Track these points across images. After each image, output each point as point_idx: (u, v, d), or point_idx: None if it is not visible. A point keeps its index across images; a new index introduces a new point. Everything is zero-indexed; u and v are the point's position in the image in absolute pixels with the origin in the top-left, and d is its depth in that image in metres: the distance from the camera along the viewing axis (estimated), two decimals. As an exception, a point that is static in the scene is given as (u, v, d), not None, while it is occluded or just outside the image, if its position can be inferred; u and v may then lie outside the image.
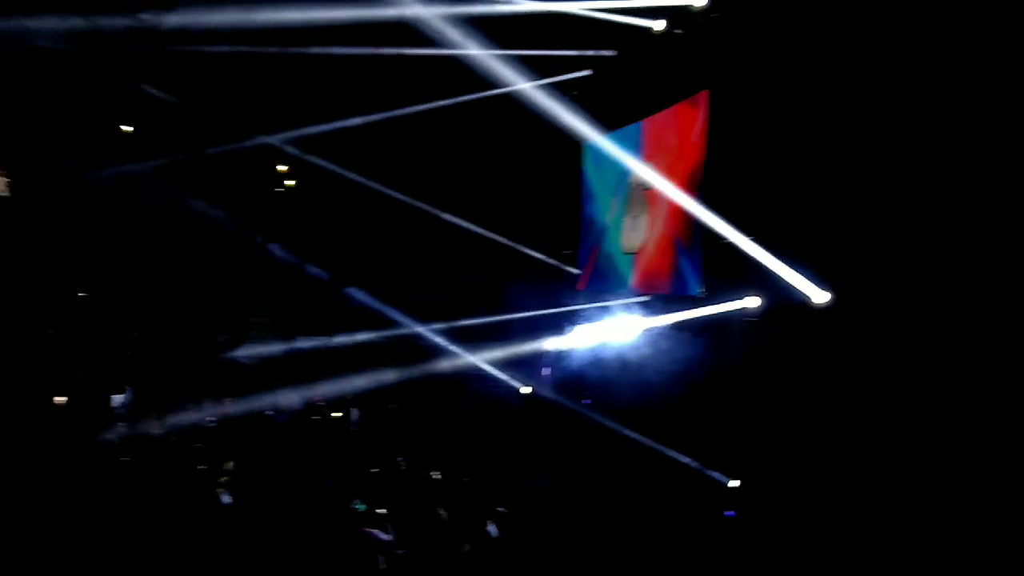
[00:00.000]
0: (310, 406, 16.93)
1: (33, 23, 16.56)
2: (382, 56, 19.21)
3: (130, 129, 22.12)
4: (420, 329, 18.57)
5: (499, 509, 10.91)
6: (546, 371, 17.74)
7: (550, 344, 17.01)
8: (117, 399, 16.30)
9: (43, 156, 21.43)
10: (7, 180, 22.33)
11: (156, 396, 15.87)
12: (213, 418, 15.15)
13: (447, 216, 19.72)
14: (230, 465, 11.77)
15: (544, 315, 17.32)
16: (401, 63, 19.17)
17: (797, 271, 11.33)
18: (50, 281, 19.61)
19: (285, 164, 23.50)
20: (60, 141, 20.71)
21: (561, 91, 15.84)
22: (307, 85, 21.42)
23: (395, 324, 18.94)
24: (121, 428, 14.16)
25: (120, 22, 16.77)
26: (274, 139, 21.97)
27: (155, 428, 14.11)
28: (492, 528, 10.29)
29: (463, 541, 9.95)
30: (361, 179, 20.26)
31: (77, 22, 16.43)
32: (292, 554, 9.53)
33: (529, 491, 12.63)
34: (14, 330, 18.35)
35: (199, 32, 19.57)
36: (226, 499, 11.01)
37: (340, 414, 17.02)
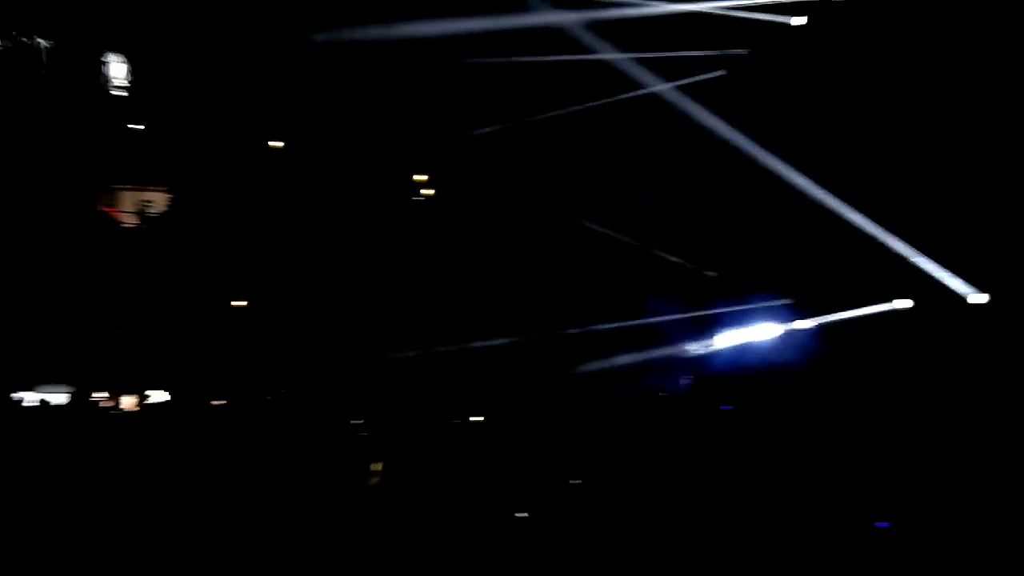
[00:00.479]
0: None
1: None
2: (515, 64, 19.50)
3: (280, 144, 23.24)
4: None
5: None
6: (686, 379, 17.56)
7: (691, 349, 16.84)
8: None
9: (201, 171, 22.82)
10: (168, 196, 23.93)
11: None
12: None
13: (585, 223, 19.81)
14: (377, 466, 12.20)
15: (683, 319, 17.17)
16: (535, 70, 19.39)
17: (950, 271, 10.87)
18: (208, 290, 20.82)
19: (423, 174, 24.07)
20: (218, 157, 21.97)
21: (697, 92, 15.69)
22: (442, 95, 21.94)
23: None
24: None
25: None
26: (411, 149, 22.61)
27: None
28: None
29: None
30: (497, 189, 20.59)
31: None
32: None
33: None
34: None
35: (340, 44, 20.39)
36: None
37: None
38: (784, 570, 9.66)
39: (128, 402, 17.01)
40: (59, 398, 16.21)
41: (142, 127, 21.96)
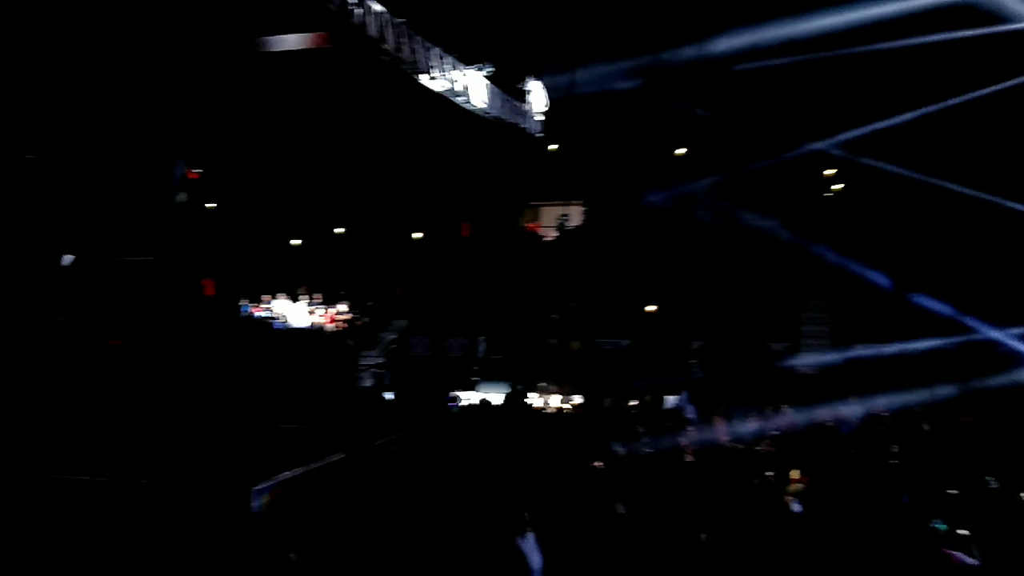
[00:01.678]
0: (872, 418, 16.33)
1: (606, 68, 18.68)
2: (930, 44, 18.03)
3: (683, 151, 23.75)
4: (996, 334, 16.85)
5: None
6: None
7: None
8: (671, 400, 17.43)
9: (609, 187, 24.00)
10: (582, 209, 25.50)
11: (720, 403, 16.61)
12: (775, 427, 15.39)
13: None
14: (796, 474, 11.86)
15: None
16: (953, 48, 17.76)
17: None
18: (620, 296, 21.79)
19: (832, 168, 23.16)
20: (625, 170, 22.95)
21: None
22: (851, 86, 20.89)
23: (967, 330, 17.43)
24: (689, 433, 15.10)
25: (681, 53, 18.16)
26: (821, 145, 21.81)
27: (721, 435, 14.79)
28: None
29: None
30: (918, 176, 19.10)
31: (644, 59, 18.10)
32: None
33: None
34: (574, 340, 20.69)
35: (743, 51, 20.30)
36: (796, 507, 11.13)
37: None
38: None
39: (555, 402, 18.26)
40: (496, 397, 17.83)
41: (556, 146, 23.68)
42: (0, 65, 17.42)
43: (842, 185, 23.49)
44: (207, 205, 24.27)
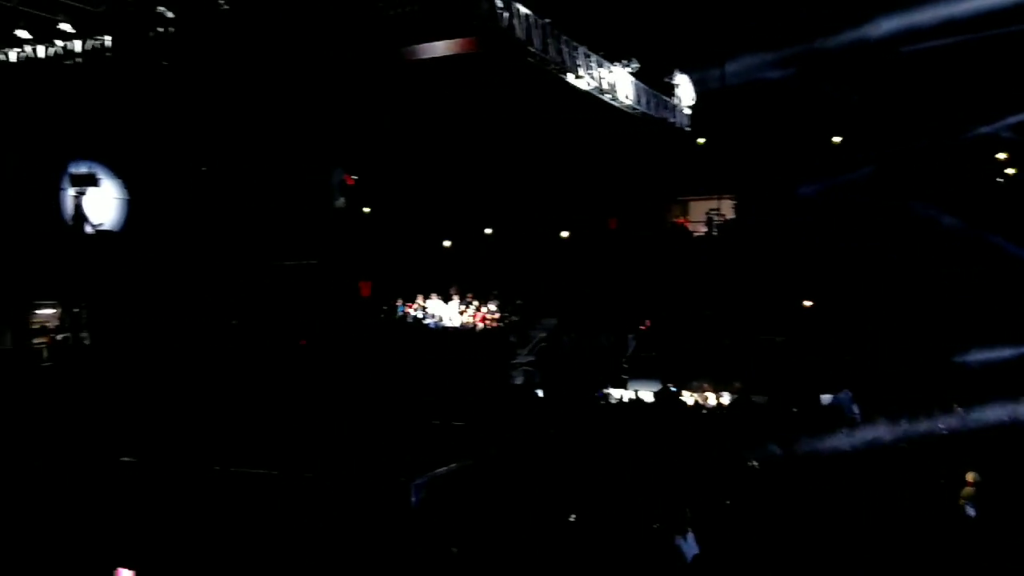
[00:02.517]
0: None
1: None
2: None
3: (839, 140, 22.82)
4: None
5: None
6: None
7: None
8: (827, 398, 16.79)
9: (762, 178, 23.37)
10: (733, 204, 24.92)
11: (885, 402, 15.90)
12: (944, 426, 14.63)
13: None
14: (971, 477, 11.25)
15: None
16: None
17: None
18: (775, 292, 21.18)
19: (1004, 152, 21.79)
20: (778, 162, 22.31)
21: None
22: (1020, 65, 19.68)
23: None
24: (850, 432, 14.52)
25: (836, 39, 17.52)
26: (989, 128, 20.65)
27: (886, 434, 14.18)
28: None
29: None
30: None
31: (796, 47, 17.56)
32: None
33: None
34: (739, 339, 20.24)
35: (901, 33, 19.40)
36: (970, 512, 10.58)
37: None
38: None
39: (709, 400, 18.00)
40: (647, 394, 17.74)
41: (704, 140, 23.24)
42: (176, 86, 18.71)
43: (1014, 170, 22.08)
44: (364, 209, 25.15)
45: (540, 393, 18.46)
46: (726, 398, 17.85)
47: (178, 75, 17.72)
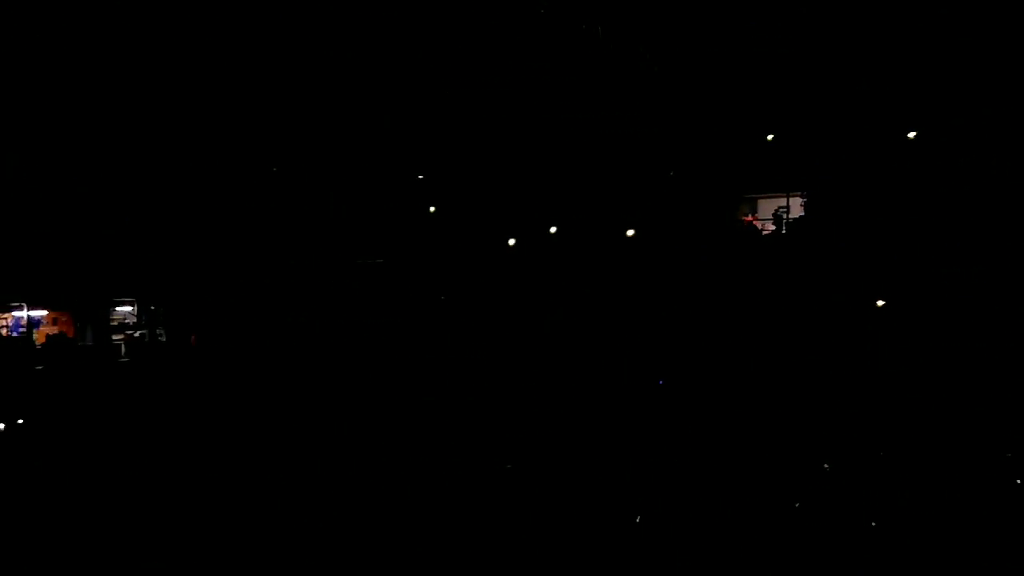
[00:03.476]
0: None
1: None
2: None
3: (913, 135, 22.19)
4: None
5: None
6: None
7: None
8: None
9: (835, 173, 22.82)
10: (802, 201, 24.38)
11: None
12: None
13: None
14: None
15: None
16: None
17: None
18: (846, 291, 20.72)
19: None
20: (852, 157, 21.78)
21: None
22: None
23: None
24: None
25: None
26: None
27: None
28: None
29: None
30: None
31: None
32: None
33: None
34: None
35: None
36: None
37: None
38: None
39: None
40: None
41: (771, 136, 22.77)
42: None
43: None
44: (430, 209, 25.26)
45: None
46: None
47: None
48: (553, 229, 26.08)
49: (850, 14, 17.91)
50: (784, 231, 23.81)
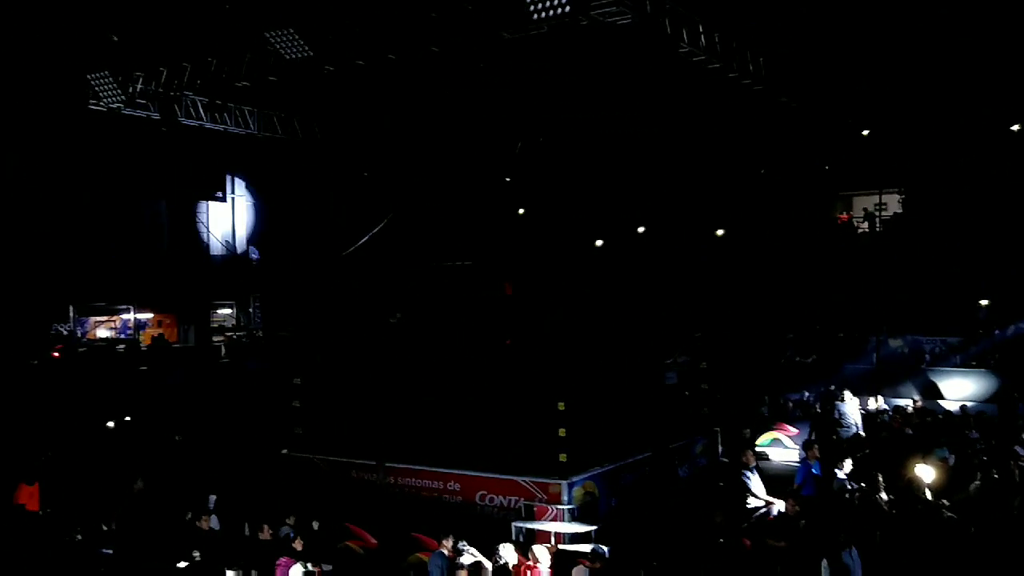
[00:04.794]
0: None
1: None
2: None
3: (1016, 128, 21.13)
4: None
5: None
6: None
7: None
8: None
9: (930, 171, 21.98)
10: (899, 197, 23.49)
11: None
12: None
13: None
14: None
15: None
16: None
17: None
18: (947, 291, 19.98)
19: None
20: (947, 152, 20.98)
21: None
22: None
23: None
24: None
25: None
26: None
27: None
28: None
29: None
30: None
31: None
32: None
33: None
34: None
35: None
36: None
37: None
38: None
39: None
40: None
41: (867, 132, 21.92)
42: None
43: None
44: (519, 211, 25.43)
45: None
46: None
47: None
48: (641, 229, 25.91)
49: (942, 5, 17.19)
50: (879, 228, 23.01)
